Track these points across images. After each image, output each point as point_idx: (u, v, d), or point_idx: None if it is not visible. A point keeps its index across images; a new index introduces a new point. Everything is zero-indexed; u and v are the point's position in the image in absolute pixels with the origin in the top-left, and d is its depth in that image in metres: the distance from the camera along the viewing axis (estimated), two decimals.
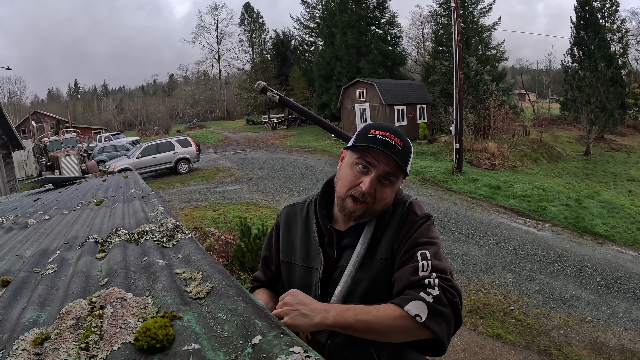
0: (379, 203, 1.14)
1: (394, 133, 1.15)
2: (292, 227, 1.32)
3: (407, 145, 1.16)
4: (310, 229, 1.27)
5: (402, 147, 1.14)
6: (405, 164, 1.15)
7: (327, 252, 1.22)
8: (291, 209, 1.36)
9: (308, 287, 1.22)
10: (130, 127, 55.15)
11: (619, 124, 23.12)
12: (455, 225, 8.88)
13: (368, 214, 1.16)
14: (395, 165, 1.12)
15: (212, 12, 66.90)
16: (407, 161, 1.16)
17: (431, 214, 1.20)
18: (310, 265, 1.23)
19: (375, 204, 1.14)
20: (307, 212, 1.31)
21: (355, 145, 1.15)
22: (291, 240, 1.30)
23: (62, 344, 0.68)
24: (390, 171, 1.13)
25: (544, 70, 57.86)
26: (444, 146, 18.11)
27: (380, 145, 1.11)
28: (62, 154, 17.83)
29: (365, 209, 1.14)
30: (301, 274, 1.25)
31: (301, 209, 1.33)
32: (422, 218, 1.16)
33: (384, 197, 1.14)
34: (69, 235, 1.65)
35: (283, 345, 0.60)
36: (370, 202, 1.13)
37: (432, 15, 27.98)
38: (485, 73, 18.95)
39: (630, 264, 7.24)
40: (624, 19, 24.21)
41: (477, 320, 5.34)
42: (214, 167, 16.87)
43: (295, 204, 1.37)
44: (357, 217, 1.15)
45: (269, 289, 1.37)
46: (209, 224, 8.63)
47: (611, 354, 4.73)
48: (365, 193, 1.11)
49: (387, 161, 1.12)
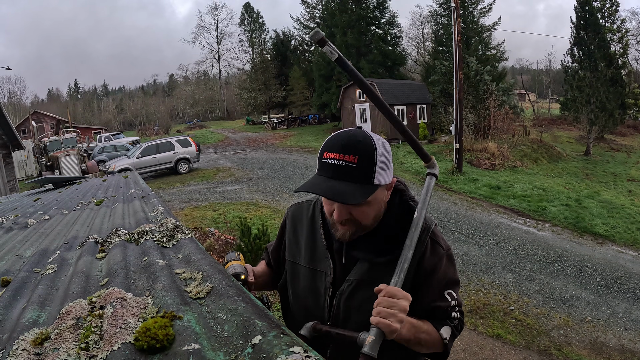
0: (365, 221, 1.09)
1: (344, 150, 1.02)
2: (298, 226, 1.29)
3: (365, 155, 1.02)
4: (317, 230, 1.23)
5: (357, 162, 1.01)
6: (366, 179, 1.02)
7: (335, 257, 1.19)
8: (298, 208, 1.33)
9: (315, 291, 1.20)
10: (130, 127, 55.15)
11: (619, 124, 23.13)
12: (455, 225, 8.88)
13: (362, 231, 1.11)
14: (357, 195, 1.01)
15: (212, 12, 66.86)
16: (370, 174, 1.02)
17: (449, 245, 1.21)
18: (315, 268, 1.20)
19: (363, 224, 1.09)
20: (313, 211, 1.28)
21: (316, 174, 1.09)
22: (297, 240, 1.28)
23: (62, 344, 0.68)
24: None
25: (544, 70, 57.92)
26: (444, 146, 18.11)
27: (329, 174, 1.03)
28: (62, 154, 17.81)
29: (354, 228, 1.09)
30: (306, 275, 1.22)
31: (307, 208, 1.30)
32: (446, 251, 1.17)
33: (363, 216, 1.08)
34: (69, 235, 1.65)
35: (283, 345, 0.60)
36: (356, 223, 1.09)
37: (432, 15, 28.00)
38: (485, 73, 18.96)
39: (630, 264, 7.24)
40: (624, 19, 24.26)
41: (477, 320, 5.34)
42: (214, 167, 16.87)
43: (302, 202, 1.34)
44: (352, 237, 1.11)
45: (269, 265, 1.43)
46: (209, 224, 8.62)
47: (611, 354, 4.73)
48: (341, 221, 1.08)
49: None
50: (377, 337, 0.92)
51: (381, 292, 0.98)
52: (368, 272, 1.13)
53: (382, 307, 0.95)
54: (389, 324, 0.93)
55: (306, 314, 1.21)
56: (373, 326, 0.93)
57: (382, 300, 0.96)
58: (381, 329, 0.92)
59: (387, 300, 0.96)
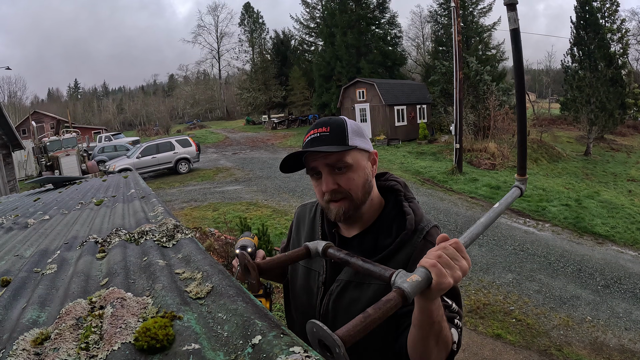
0: (354, 190, 1.09)
1: (318, 125, 1.11)
2: (301, 226, 1.33)
3: (335, 125, 1.10)
4: (315, 230, 1.26)
5: (329, 130, 1.09)
6: (341, 141, 1.07)
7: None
8: (303, 209, 1.37)
9: (309, 290, 1.21)
10: (130, 127, 55.17)
11: (619, 124, 23.15)
12: (456, 226, 8.88)
13: (354, 207, 1.10)
14: (331, 153, 1.05)
15: (212, 12, 66.98)
16: (343, 137, 1.08)
17: None
18: (310, 267, 1.22)
19: (352, 194, 1.09)
20: (314, 212, 1.31)
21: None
22: (299, 239, 1.31)
23: (62, 344, 0.68)
24: (331, 161, 1.07)
25: (544, 70, 57.96)
26: (444, 146, 18.12)
27: (307, 147, 1.08)
28: (62, 154, 17.82)
29: (347, 203, 1.09)
30: (302, 274, 1.24)
31: (310, 209, 1.33)
32: None
33: (351, 183, 1.08)
34: (69, 235, 1.65)
35: (283, 345, 0.60)
36: (346, 194, 1.09)
37: (432, 15, 28.03)
38: (485, 73, 18.96)
39: (630, 264, 7.24)
40: (624, 19, 24.27)
41: (477, 320, 5.34)
42: (214, 167, 16.87)
43: (307, 204, 1.38)
44: (347, 215, 1.10)
45: None
46: (209, 224, 8.62)
47: (611, 354, 4.73)
48: (331, 192, 1.08)
49: (322, 155, 1.07)
50: (422, 281, 0.75)
51: (451, 241, 0.82)
52: (356, 272, 1.09)
53: (445, 253, 0.79)
54: (444, 273, 0.76)
55: (302, 312, 1.24)
56: (424, 268, 0.77)
57: (449, 248, 0.80)
58: (433, 275, 0.75)
59: (453, 252, 0.80)
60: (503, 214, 7.11)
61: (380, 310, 0.69)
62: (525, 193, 9.41)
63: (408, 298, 0.72)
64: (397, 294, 0.72)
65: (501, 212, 1.10)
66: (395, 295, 0.72)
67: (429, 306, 0.82)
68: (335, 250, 1.00)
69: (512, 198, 1.22)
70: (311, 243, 1.05)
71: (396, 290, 0.73)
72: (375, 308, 0.69)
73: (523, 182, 1.34)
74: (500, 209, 1.10)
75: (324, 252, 1.02)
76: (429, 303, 0.81)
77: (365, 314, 0.68)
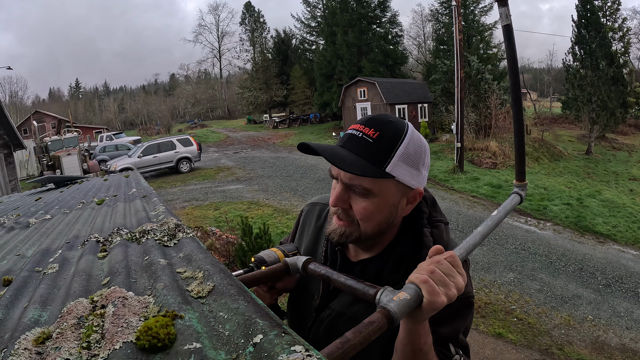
0: (364, 222, 0.87)
1: (367, 123, 0.85)
2: (305, 231, 1.17)
3: (388, 134, 0.83)
4: (320, 243, 1.09)
5: (375, 138, 0.82)
6: (377, 160, 0.82)
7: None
8: (312, 210, 1.19)
9: (302, 312, 1.08)
10: (132, 127, 55.25)
11: (621, 122, 23.11)
12: (457, 225, 8.87)
13: (357, 238, 0.90)
14: (358, 166, 0.81)
15: (213, 11, 66.96)
16: (385, 156, 0.82)
17: (469, 288, 0.93)
18: (307, 286, 1.08)
19: (361, 225, 0.88)
20: (323, 221, 1.12)
21: None
22: (301, 243, 1.18)
23: (64, 343, 0.68)
24: (347, 179, 0.84)
25: (546, 69, 57.77)
26: (445, 145, 18.10)
27: (342, 142, 0.85)
28: (64, 153, 17.85)
29: (351, 229, 0.89)
30: (299, 292, 1.10)
31: (319, 215, 1.15)
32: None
33: (364, 213, 0.86)
34: (70, 235, 1.65)
35: (284, 344, 0.60)
36: (353, 219, 0.89)
37: (433, 14, 28.03)
38: (487, 72, 18.94)
39: (631, 263, 7.23)
40: (625, 18, 24.16)
41: (478, 319, 5.34)
42: (215, 167, 16.88)
43: (317, 204, 1.18)
44: (344, 239, 0.91)
45: None
46: (211, 223, 8.64)
47: (612, 353, 4.73)
48: (337, 208, 0.90)
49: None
50: (411, 299, 0.65)
51: (446, 255, 0.72)
52: (349, 305, 0.95)
53: (439, 268, 0.69)
54: (438, 291, 0.67)
55: (294, 329, 1.13)
56: (413, 285, 0.68)
57: (443, 263, 0.70)
58: (424, 292, 0.66)
59: (448, 266, 0.70)
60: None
61: (361, 334, 0.60)
62: (527, 192, 9.46)
63: (395, 320, 0.63)
64: (381, 314, 0.63)
65: (500, 221, 1.03)
66: (380, 316, 0.62)
67: (417, 329, 0.72)
68: (315, 266, 0.90)
69: (512, 206, 1.15)
70: (290, 259, 0.94)
71: (380, 310, 0.64)
72: (356, 332, 0.60)
73: (522, 188, 1.25)
74: (498, 217, 1.02)
75: (304, 269, 0.91)
76: (417, 326, 0.71)
77: (344, 339, 0.59)
